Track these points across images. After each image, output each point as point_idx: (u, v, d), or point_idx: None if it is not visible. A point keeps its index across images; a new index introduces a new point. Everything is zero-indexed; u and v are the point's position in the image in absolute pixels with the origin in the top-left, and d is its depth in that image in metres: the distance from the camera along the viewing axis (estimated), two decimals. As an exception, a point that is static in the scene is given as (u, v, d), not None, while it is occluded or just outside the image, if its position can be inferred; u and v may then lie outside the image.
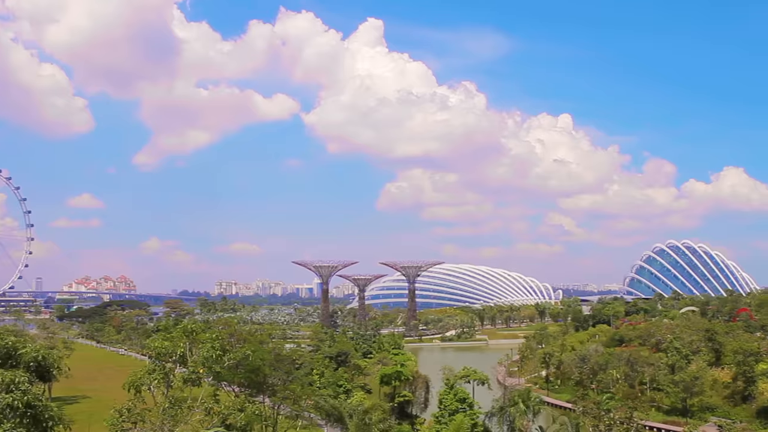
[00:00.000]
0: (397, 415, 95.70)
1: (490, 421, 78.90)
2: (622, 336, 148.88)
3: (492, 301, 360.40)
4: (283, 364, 77.79)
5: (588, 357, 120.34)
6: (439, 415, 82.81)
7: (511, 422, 75.70)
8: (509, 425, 75.86)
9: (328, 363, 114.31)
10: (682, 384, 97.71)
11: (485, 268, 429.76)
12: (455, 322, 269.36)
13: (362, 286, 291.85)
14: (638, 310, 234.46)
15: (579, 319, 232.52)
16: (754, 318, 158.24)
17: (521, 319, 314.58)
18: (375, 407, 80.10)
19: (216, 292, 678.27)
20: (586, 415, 75.71)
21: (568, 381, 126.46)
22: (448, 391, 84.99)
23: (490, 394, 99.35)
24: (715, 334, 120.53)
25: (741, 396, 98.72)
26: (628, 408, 76.71)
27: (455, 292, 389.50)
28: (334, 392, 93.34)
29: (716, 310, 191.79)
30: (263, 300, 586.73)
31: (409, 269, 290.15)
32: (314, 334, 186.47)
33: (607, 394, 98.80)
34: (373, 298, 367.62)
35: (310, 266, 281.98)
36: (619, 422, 67.69)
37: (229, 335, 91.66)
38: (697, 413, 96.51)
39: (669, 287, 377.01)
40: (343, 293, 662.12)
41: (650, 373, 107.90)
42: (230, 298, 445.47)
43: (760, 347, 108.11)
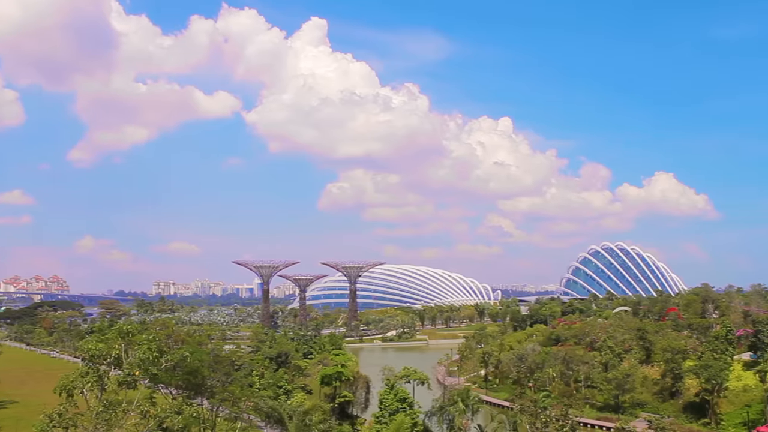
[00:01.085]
0: (337, 415, 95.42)
1: (430, 421, 79.55)
2: (558, 335, 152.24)
3: (432, 302, 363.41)
4: (222, 365, 76.70)
5: (525, 356, 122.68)
6: (379, 415, 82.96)
7: (450, 421, 76.48)
8: (449, 424, 76.63)
9: (268, 364, 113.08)
10: (614, 381, 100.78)
11: (426, 269, 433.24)
12: (396, 323, 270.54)
13: (303, 286, 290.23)
14: (574, 310, 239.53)
15: (517, 319, 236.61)
16: (681, 317, 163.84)
17: (461, 319, 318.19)
18: (315, 408, 79.70)
19: (153, 292, 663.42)
20: (524, 412, 77.00)
21: (506, 380, 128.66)
22: (388, 391, 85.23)
23: (430, 393, 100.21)
24: (645, 333, 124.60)
25: (669, 392, 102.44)
26: (564, 405, 78.58)
27: (396, 292, 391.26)
28: (274, 393, 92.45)
29: (647, 310, 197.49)
30: (202, 300, 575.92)
31: (350, 270, 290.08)
32: (254, 334, 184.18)
33: (543, 392, 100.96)
34: (314, 299, 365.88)
35: (250, 266, 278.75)
36: (554, 419, 69.03)
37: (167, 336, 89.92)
38: (628, 409, 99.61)
39: (603, 288, 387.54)
40: (284, 293, 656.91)
41: (585, 371, 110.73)
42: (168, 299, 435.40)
43: (687, 345, 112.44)
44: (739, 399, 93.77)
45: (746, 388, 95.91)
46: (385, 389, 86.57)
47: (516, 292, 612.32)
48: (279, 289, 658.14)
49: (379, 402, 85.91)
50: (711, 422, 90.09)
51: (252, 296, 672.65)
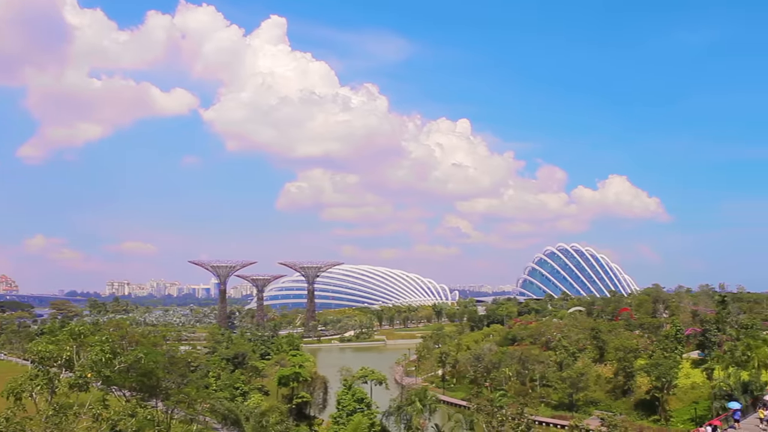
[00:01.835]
0: (294, 416, 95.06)
1: (387, 421, 79.74)
2: (514, 335, 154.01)
3: (390, 302, 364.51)
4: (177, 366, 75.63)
5: (482, 356, 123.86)
6: (337, 416, 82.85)
7: (408, 421, 76.81)
8: (406, 424, 76.94)
9: (224, 365, 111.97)
10: (569, 380, 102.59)
11: (384, 269, 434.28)
12: (354, 323, 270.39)
13: (261, 286, 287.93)
14: (530, 310, 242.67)
15: (474, 319, 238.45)
16: (634, 317, 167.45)
17: (419, 320, 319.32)
18: (272, 409, 79.17)
19: (107, 292, 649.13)
20: (480, 412, 77.78)
21: (463, 379, 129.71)
22: (346, 392, 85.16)
23: (387, 393, 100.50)
24: (599, 333, 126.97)
25: (621, 390, 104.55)
26: (520, 404, 79.73)
27: (354, 292, 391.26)
28: (230, 395, 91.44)
29: (601, 310, 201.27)
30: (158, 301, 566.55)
31: (308, 270, 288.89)
32: (211, 335, 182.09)
33: (500, 391, 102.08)
34: (271, 299, 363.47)
35: (207, 266, 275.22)
36: (510, 418, 69.97)
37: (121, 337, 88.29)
38: (582, 407, 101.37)
39: (559, 288, 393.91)
40: (241, 294, 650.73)
41: (540, 371, 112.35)
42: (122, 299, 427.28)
43: (639, 344, 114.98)
44: (688, 396, 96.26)
45: (694, 386, 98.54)
46: (343, 390, 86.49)
47: (473, 292, 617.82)
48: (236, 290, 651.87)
49: (337, 402, 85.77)
50: (661, 419, 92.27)
51: (209, 296, 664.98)
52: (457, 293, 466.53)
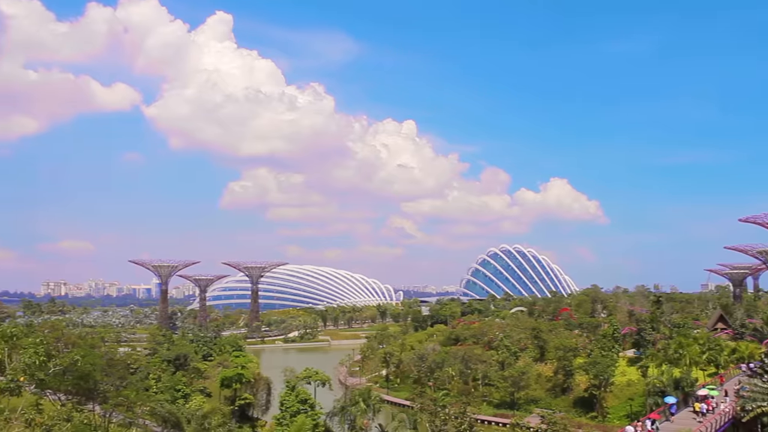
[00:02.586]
0: (237, 418, 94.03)
1: (331, 421, 79.58)
2: (457, 335, 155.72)
3: (335, 302, 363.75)
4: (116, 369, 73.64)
5: (426, 356, 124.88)
6: (280, 417, 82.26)
7: (352, 421, 76.80)
8: (350, 424, 76.93)
9: (165, 367, 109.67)
10: (510, 379, 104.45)
11: (329, 270, 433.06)
12: (298, 323, 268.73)
13: (204, 286, 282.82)
14: (473, 310, 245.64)
15: (418, 320, 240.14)
16: (573, 317, 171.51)
17: (363, 320, 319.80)
18: (214, 411, 78.17)
19: (43, 292, 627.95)
20: (424, 411, 78.51)
21: (407, 379, 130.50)
22: (289, 393, 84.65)
23: (331, 394, 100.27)
24: (540, 333, 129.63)
25: (561, 388, 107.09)
26: (462, 403, 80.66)
27: (299, 293, 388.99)
28: (171, 397, 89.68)
29: (542, 310, 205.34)
30: (96, 301, 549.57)
31: (252, 270, 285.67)
32: (152, 336, 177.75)
33: (443, 390, 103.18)
34: (214, 299, 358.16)
35: (148, 265, 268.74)
36: (453, 417, 70.75)
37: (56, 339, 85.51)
38: (523, 405, 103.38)
39: (501, 288, 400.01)
40: (183, 294, 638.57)
41: (483, 370, 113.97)
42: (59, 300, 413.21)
43: (578, 344, 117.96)
44: (624, 393, 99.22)
45: (630, 383, 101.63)
46: (286, 390, 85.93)
47: (418, 292, 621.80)
48: (178, 290, 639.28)
49: (280, 404, 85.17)
50: (598, 415, 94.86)
51: (150, 297, 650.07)
52: (402, 293, 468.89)
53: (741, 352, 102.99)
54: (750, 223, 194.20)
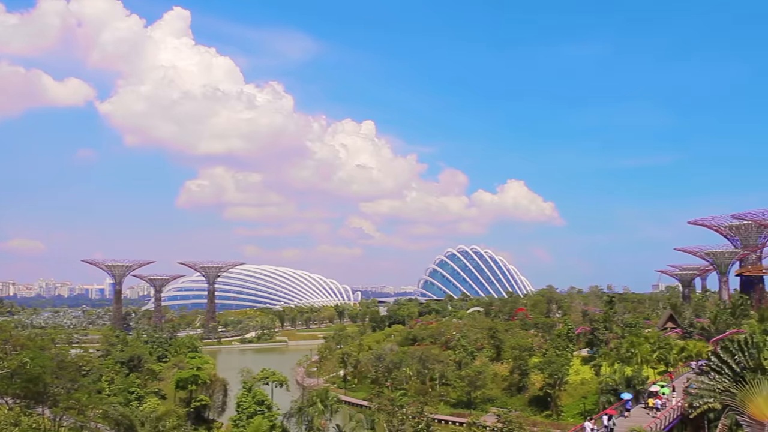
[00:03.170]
0: (193, 420, 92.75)
1: (288, 422, 79.22)
2: (415, 335, 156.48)
3: (293, 303, 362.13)
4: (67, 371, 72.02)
5: (384, 356, 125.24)
6: (236, 419, 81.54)
7: (309, 422, 76.59)
8: (307, 425, 76.70)
9: (119, 369, 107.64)
10: (467, 378, 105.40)
11: (287, 270, 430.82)
12: (255, 324, 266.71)
13: (159, 286, 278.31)
14: (431, 310, 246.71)
15: (376, 320, 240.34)
16: (529, 317, 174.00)
17: (321, 320, 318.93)
18: (169, 413, 76.80)
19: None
20: (381, 411, 78.69)
21: (364, 379, 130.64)
22: (246, 394, 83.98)
23: (289, 395, 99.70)
24: (496, 332, 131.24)
25: (517, 387, 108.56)
26: (420, 403, 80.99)
27: (256, 293, 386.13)
28: (125, 399, 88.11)
29: (498, 310, 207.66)
30: (47, 302, 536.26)
31: (209, 270, 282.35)
32: (105, 338, 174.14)
33: (400, 390, 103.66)
34: (170, 300, 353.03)
35: (101, 265, 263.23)
36: (410, 417, 71.14)
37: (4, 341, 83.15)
38: (479, 405, 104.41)
39: (458, 289, 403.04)
40: (138, 294, 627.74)
41: (440, 370, 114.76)
42: (7, 300, 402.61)
43: (533, 343, 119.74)
44: (577, 391, 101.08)
45: (583, 381, 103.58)
46: (243, 392, 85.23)
47: (376, 293, 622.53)
48: (133, 290, 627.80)
49: (237, 405, 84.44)
50: (552, 414, 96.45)
51: (103, 297, 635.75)
52: (360, 294, 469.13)
53: (689, 350, 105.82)
54: (699, 225, 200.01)
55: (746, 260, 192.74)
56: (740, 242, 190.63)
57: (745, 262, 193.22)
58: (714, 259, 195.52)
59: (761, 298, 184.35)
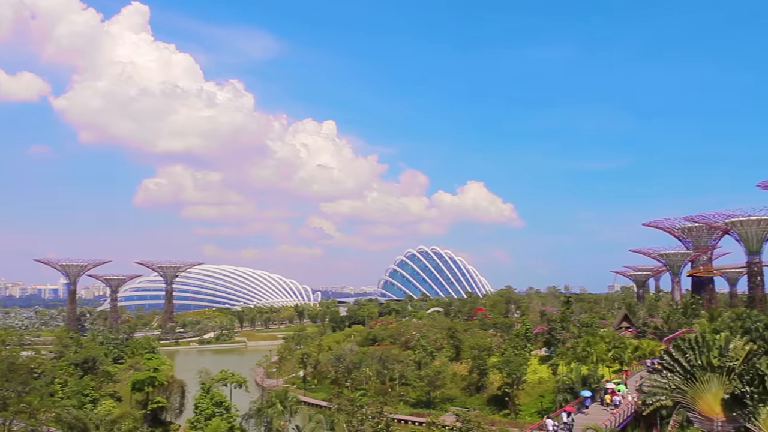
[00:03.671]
0: (149, 422, 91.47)
1: (247, 423, 78.62)
2: (375, 335, 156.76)
3: (252, 303, 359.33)
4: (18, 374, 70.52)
5: (343, 356, 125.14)
6: (194, 420, 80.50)
7: (268, 423, 76.16)
8: (267, 426, 76.25)
9: (73, 370, 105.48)
10: (426, 378, 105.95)
11: (246, 270, 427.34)
12: (214, 324, 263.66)
13: (115, 286, 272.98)
14: (391, 310, 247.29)
15: (336, 320, 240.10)
16: (488, 317, 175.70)
17: (281, 321, 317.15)
18: (125, 416, 75.59)
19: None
20: (341, 411, 78.64)
21: (324, 380, 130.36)
22: (204, 395, 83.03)
23: (248, 396, 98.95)
24: (455, 332, 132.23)
25: (476, 386, 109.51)
26: (379, 403, 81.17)
27: (215, 293, 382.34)
28: (78, 402, 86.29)
29: (458, 311, 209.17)
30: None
31: (167, 269, 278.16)
32: (58, 339, 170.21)
33: (360, 390, 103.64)
34: (127, 300, 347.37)
35: (55, 265, 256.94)
36: (370, 417, 71.28)
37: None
38: (439, 404, 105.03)
39: (418, 289, 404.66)
40: (93, 294, 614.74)
41: (399, 370, 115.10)
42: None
43: (492, 343, 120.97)
44: (535, 390, 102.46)
45: (541, 381, 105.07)
46: (201, 393, 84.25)
47: (336, 293, 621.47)
48: (88, 290, 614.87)
49: (195, 406, 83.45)
50: (511, 413, 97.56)
51: (56, 297, 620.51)
52: (320, 294, 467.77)
53: (643, 349, 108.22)
54: (653, 227, 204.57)
55: (697, 261, 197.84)
56: (692, 244, 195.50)
57: (696, 263, 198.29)
58: (667, 261, 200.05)
59: (711, 298, 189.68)
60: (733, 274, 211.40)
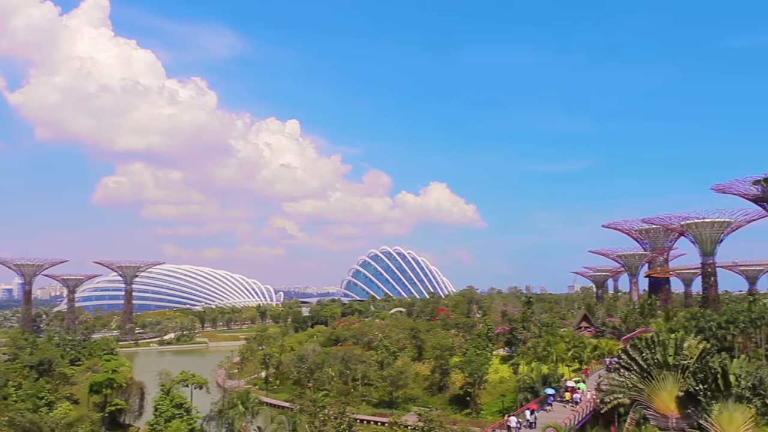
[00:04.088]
0: (107, 425, 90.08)
1: (208, 425, 77.82)
2: (338, 336, 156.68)
3: (214, 303, 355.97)
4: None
5: (306, 357, 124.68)
6: (154, 423, 79.35)
7: (230, 425, 75.48)
8: (228, 428, 75.56)
9: (27, 373, 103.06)
10: (389, 378, 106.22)
11: (208, 269, 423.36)
12: (175, 325, 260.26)
13: (72, 286, 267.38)
14: (353, 311, 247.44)
15: (299, 320, 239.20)
16: (450, 317, 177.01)
17: (243, 321, 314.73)
18: (82, 419, 74.23)
19: None
20: (303, 412, 78.33)
21: (287, 381, 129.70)
22: (164, 397, 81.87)
23: (209, 397, 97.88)
24: (418, 332, 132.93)
25: (438, 386, 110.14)
26: (342, 403, 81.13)
27: (176, 293, 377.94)
28: (33, 405, 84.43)
29: (420, 311, 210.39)
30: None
31: (126, 269, 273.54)
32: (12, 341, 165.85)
33: (323, 391, 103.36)
34: (85, 300, 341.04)
35: (9, 264, 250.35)
36: (332, 417, 71.13)
37: None
38: (401, 404, 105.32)
39: (381, 289, 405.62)
40: (49, 295, 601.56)
41: (362, 370, 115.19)
42: None
43: (454, 343, 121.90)
44: (496, 390, 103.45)
45: (502, 380, 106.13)
46: (161, 395, 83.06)
47: (298, 293, 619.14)
48: (44, 290, 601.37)
49: (154, 409, 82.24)
50: (472, 412, 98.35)
51: (11, 298, 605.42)
52: (282, 294, 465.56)
53: (602, 348, 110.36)
54: (612, 229, 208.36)
55: (654, 262, 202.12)
56: (649, 245, 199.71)
57: (653, 264, 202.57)
58: (625, 261, 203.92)
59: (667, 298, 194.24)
60: (688, 274, 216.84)
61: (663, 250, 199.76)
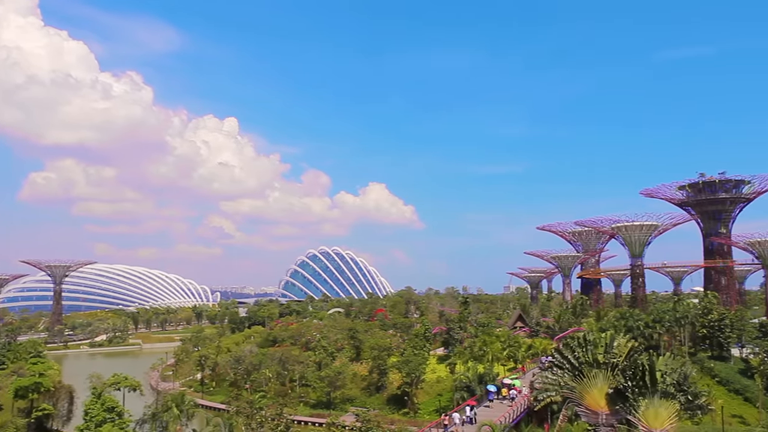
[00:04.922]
0: (34, 431, 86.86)
1: (141, 429, 76.28)
2: (275, 337, 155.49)
3: (148, 304, 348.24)
4: None
5: (243, 358, 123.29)
6: (84, 427, 76.91)
7: (164, 428, 74.19)
8: (162, 431, 74.20)
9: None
10: (327, 379, 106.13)
11: (142, 269, 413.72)
12: (107, 327, 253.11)
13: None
14: (291, 311, 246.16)
15: (236, 321, 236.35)
16: (388, 317, 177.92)
17: (178, 322, 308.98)
18: (6, 425, 71.69)
19: None
20: (240, 414, 77.55)
21: (223, 382, 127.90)
22: (95, 401, 79.46)
23: (142, 400, 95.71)
24: (356, 333, 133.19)
25: (376, 386, 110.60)
26: (279, 405, 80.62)
27: (108, 294, 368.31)
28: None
29: (358, 311, 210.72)
30: None
31: (55, 269, 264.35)
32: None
33: (260, 392, 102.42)
34: (10, 301, 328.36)
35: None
36: (270, 419, 70.68)
37: None
38: (339, 405, 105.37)
39: (320, 290, 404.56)
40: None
41: (300, 371, 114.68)
42: None
43: (392, 343, 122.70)
44: (433, 389, 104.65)
45: (439, 379, 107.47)
46: (92, 398, 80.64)
47: (236, 294, 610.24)
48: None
49: (85, 413, 79.69)
50: (410, 411, 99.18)
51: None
52: (219, 295, 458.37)
53: (536, 348, 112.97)
54: (546, 231, 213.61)
55: (586, 264, 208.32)
56: (582, 247, 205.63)
57: (585, 265, 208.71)
58: (559, 263, 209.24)
59: (599, 298, 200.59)
60: (618, 275, 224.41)
61: (595, 252, 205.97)
